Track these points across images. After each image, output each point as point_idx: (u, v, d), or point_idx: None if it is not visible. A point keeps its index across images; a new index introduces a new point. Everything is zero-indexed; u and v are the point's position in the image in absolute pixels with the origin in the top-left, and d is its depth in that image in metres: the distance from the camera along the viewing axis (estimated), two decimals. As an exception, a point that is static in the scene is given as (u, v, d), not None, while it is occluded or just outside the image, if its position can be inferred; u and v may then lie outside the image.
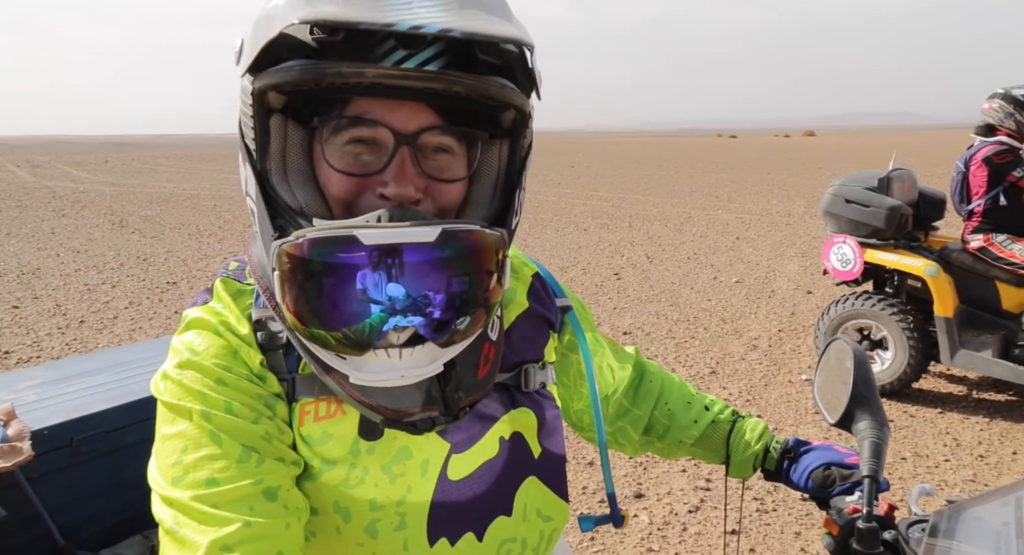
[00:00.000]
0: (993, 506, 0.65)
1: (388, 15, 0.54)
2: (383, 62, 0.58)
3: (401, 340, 0.60)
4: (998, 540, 0.58)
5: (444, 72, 0.59)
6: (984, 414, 3.96)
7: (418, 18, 0.54)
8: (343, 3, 0.55)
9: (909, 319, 3.96)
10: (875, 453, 0.78)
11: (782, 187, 17.58)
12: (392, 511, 0.68)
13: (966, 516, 0.67)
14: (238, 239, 10.28)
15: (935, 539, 0.65)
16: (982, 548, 0.58)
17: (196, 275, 7.80)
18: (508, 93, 0.63)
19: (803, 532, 2.88)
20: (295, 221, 0.62)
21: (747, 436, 0.97)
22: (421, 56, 0.58)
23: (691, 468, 3.37)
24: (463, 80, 0.59)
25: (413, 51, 0.58)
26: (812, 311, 6.04)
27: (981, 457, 3.49)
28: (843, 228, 4.16)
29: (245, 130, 0.65)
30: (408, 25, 0.53)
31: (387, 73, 0.58)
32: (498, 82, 0.63)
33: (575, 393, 0.91)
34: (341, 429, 0.67)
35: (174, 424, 0.63)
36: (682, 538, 2.88)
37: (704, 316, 6.02)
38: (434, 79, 0.59)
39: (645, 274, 7.72)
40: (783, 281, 7.25)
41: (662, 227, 11.15)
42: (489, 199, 0.70)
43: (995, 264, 3.89)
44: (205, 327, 0.67)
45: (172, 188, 18.87)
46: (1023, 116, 3.87)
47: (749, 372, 4.65)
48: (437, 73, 0.58)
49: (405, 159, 0.63)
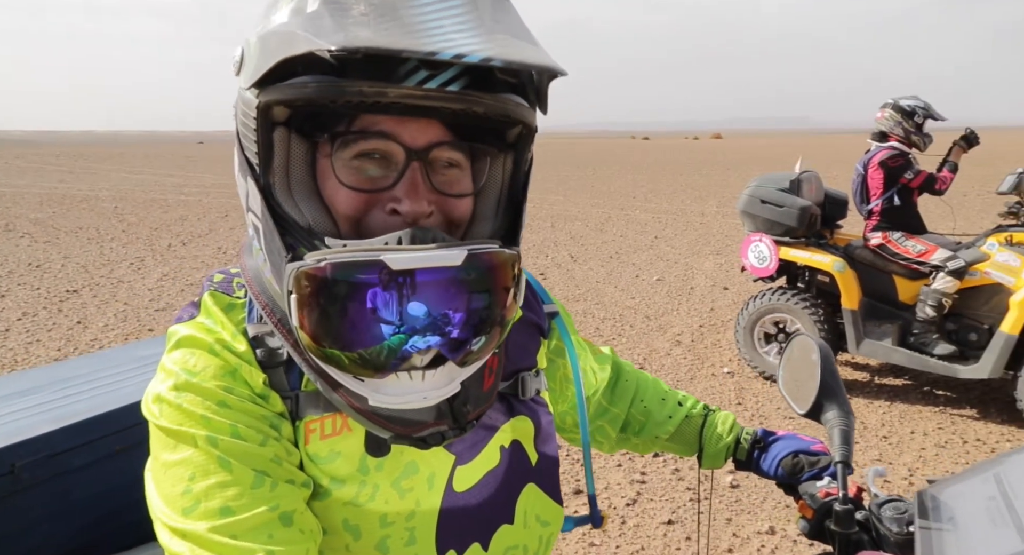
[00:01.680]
0: (973, 484, 0.72)
1: (428, 43, 0.53)
2: (406, 82, 0.57)
3: (424, 362, 0.59)
4: (990, 515, 0.63)
5: (466, 92, 0.58)
6: (886, 398, 4.30)
7: (457, 46, 0.53)
8: (376, 27, 0.54)
9: (820, 312, 4.25)
10: (845, 440, 0.84)
11: (694, 188, 18.35)
12: (402, 526, 0.67)
13: (948, 495, 0.73)
14: (144, 243, 9.68)
15: (927, 521, 0.70)
16: (978, 523, 0.64)
17: (100, 282, 7.29)
18: (522, 111, 0.64)
19: (734, 518, 3.02)
20: (306, 240, 0.61)
21: (719, 429, 1.02)
22: (443, 76, 0.57)
23: (626, 462, 3.47)
24: (483, 100, 0.59)
25: (436, 72, 0.57)
26: (729, 306, 6.35)
27: (885, 438, 3.79)
28: (759, 227, 4.40)
29: (246, 143, 0.63)
30: (451, 54, 0.51)
31: (410, 93, 0.57)
32: (514, 101, 0.63)
33: (559, 396, 0.92)
34: (348, 446, 0.65)
35: (176, 451, 0.60)
36: (622, 531, 2.96)
37: (629, 314, 6.20)
38: (455, 99, 0.58)
39: (570, 274, 7.87)
40: (701, 278, 7.58)
41: (583, 227, 11.39)
42: (494, 213, 0.70)
43: (892, 260, 4.23)
44: (199, 345, 0.64)
45: (65, 189, 17.52)
46: (909, 124, 4.24)
47: (675, 367, 4.84)
48: (459, 93, 0.58)
49: (416, 175, 0.62)
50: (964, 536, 0.64)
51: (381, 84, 0.56)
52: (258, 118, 0.60)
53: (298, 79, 0.57)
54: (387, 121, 0.61)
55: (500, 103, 0.61)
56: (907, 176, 4.17)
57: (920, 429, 3.88)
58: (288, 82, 0.58)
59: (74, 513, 0.99)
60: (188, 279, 7.52)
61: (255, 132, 0.61)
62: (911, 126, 4.24)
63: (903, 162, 4.18)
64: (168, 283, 7.34)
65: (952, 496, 0.73)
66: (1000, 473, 0.70)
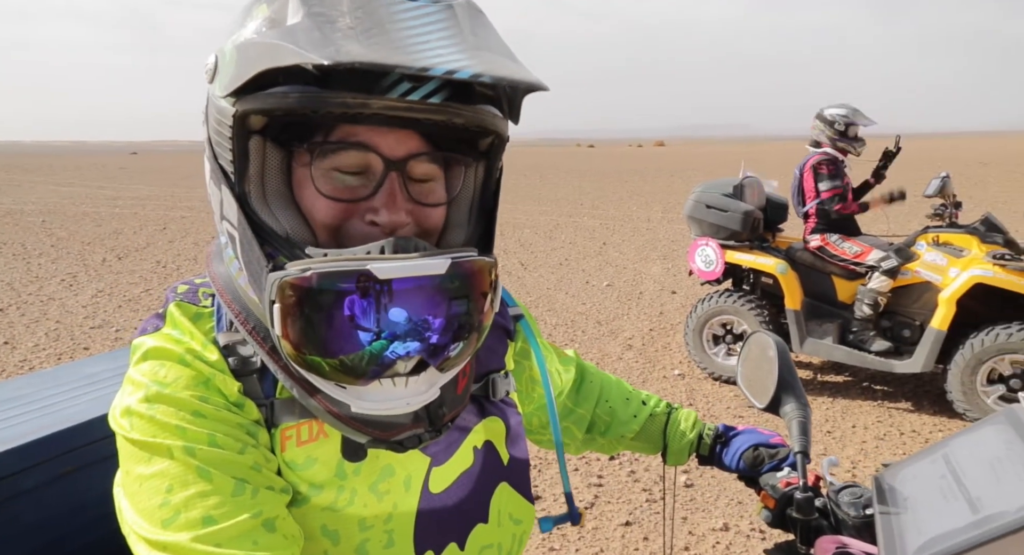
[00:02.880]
0: (923, 465, 0.76)
1: (418, 59, 0.53)
2: (389, 94, 0.57)
3: (408, 368, 0.60)
4: (943, 491, 0.68)
5: (446, 104, 0.59)
6: (828, 394, 4.47)
7: (448, 62, 0.54)
8: (366, 42, 0.54)
9: (765, 313, 4.40)
10: (803, 431, 0.88)
11: (640, 194, 18.73)
12: (380, 529, 0.67)
13: (903, 477, 0.78)
14: (76, 258, 9.25)
15: (884, 504, 0.74)
16: (933, 499, 0.68)
17: (27, 300, 6.92)
18: (498, 122, 0.66)
19: (689, 516, 3.09)
20: (287, 250, 0.61)
21: (682, 426, 1.05)
22: (425, 89, 0.58)
23: (583, 466, 3.51)
24: (463, 112, 0.61)
25: (418, 84, 0.58)
26: (678, 310, 6.50)
27: (829, 432, 3.94)
28: (705, 231, 4.54)
29: (220, 150, 0.62)
30: (443, 69, 0.52)
31: (393, 105, 0.58)
32: (491, 112, 0.65)
33: (526, 397, 0.94)
34: (325, 452, 0.65)
35: (151, 463, 0.59)
36: (580, 534, 2.98)
37: (581, 319, 6.27)
38: (437, 111, 0.59)
39: (521, 281, 7.91)
40: (649, 283, 7.74)
41: (532, 234, 11.48)
42: (466, 221, 0.72)
43: (831, 261, 4.42)
44: (168, 357, 0.63)
45: (-13, 202, 16.60)
46: (831, 132, 4.48)
47: (627, 370, 4.92)
48: (440, 105, 0.59)
49: (394, 185, 0.63)
50: (920, 513, 0.69)
51: (364, 96, 0.57)
52: (234, 127, 0.59)
53: (278, 89, 0.57)
54: (366, 132, 0.62)
55: (478, 115, 0.63)
56: (820, 185, 4.38)
57: (860, 423, 4.05)
58: (268, 92, 0.57)
59: (25, 537, 0.94)
60: (126, 294, 7.22)
61: (230, 140, 0.60)
62: (833, 134, 4.48)
63: (834, 169, 4.39)
64: (104, 299, 7.03)
65: (906, 478, 0.77)
66: (947, 453, 0.75)
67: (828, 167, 4.40)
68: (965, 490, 0.65)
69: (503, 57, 0.59)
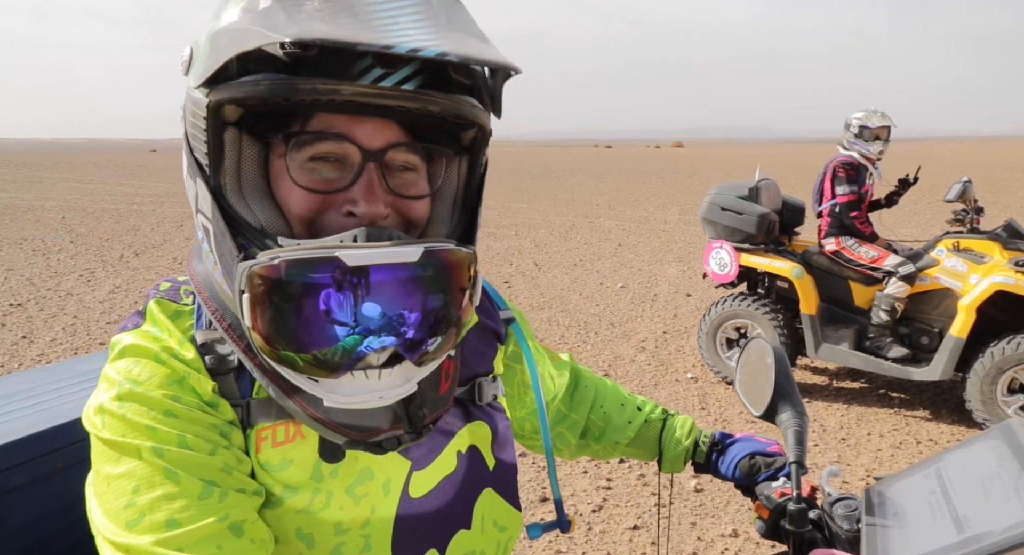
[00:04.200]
0: (916, 480, 0.74)
1: (384, 37, 0.52)
2: (360, 80, 0.56)
3: (381, 361, 0.59)
4: (931, 508, 0.65)
5: (421, 91, 0.58)
6: (843, 401, 4.40)
7: (413, 40, 0.52)
8: (331, 22, 0.53)
9: (779, 317, 4.34)
10: (798, 440, 0.85)
11: (657, 195, 18.63)
12: (357, 533, 0.65)
13: (894, 491, 0.75)
14: (94, 254, 9.38)
15: (873, 517, 0.72)
16: (920, 516, 0.66)
17: (46, 295, 7.03)
18: (477, 113, 0.64)
19: (698, 522, 3.05)
20: (260, 241, 0.59)
21: (677, 433, 1.02)
22: (399, 75, 0.57)
23: (592, 469, 3.48)
24: (438, 100, 0.59)
25: (390, 70, 0.57)
26: (692, 313, 6.44)
27: (843, 439, 3.87)
28: (720, 234, 4.48)
29: (195, 144, 0.61)
30: (407, 48, 0.51)
31: (364, 91, 0.56)
32: (469, 102, 0.63)
33: (518, 402, 0.92)
34: (301, 453, 0.64)
35: (119, 463, 0.58)
36: (588, 537, 2.96)
37: (594, 321, 6.24)
38: (411, 98, 0.58)
39: (535, 281, 7.89)
40: (664, 285, 7.68)
41: (547, 235, 11.45)
42: (449, 215, 0.70)
43: (847, 265, 4.35)
44: (143, 354, 0.62)
45: (8, 199, 16.88)
46: (848, 135, 4.43)
47: (639, 373, 4.88)
48: (414, 92, 0.58)
49: (372, 176, 0.62)
50: (906, 530, 0.67)
51: (335, 81, 0.56)
52: (208, 118, 0.58)
53: (250, 77, 0.56)
54: (343, 122, 0.61)
55: (455, 103, 0.61)
56: (837, 188, 4.32)
57: (876, 431, 3.98)
58: (240, 80, 0.56)
59: (15, 536, 0.94)
60: (142, 290, 7.30)
61: (205, 132, 0.59)
62: (850, 136, 4.41)
63: (844, 174, 4.33)
64: (120, 295, 7.12)
65: (897, 492, 0.75)
66: (940, 468, 0.72)
67: (848, 171, 4.33)
68: (953, 508, 0.63)
69: (474, 38, 0.58)
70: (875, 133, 4.39)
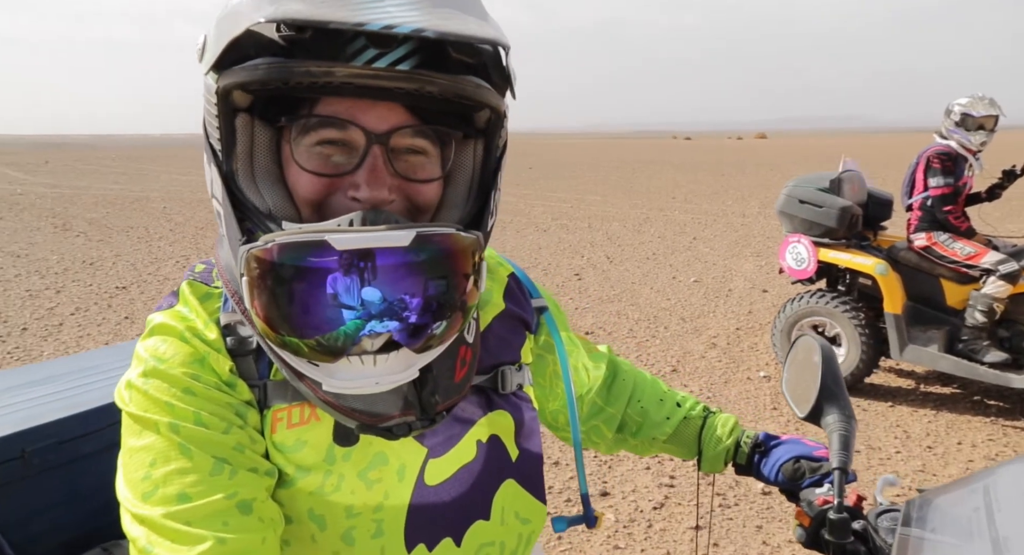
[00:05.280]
0: (962, 494, 0.68)
1: (359, 14, 0.52)
2: (353, 61, 0.56)
3: (375, 346, 0.58)
4: (970, 526, 0.60)
5: (417, 72, 0.57)
6: (931, 407, 4.12)
7: (390, 17, 0.52)
8: (311, 1, 0.53)
9: (861, 316, 4.10)
10: (844, 446, 0.80)
11: (736, 188, 18.00)
12: (368, 518, 0.66)
13: (937, 504, 0.69)
14: (190, 242, 10.00)
15: (908, 529, 0.67)
16: (956, 535, 0.60)
17: (147, 279, 7.55)
18: (483, 93, 0.62)
19: (764, 526, 2.94)
20: (263, 224, 0.60)
21: (718, 432, 0.99)
22: (392, 55, 0.56)
23: (655, 465, 3.42)
24: (436, 80, 0.58)
25: (384, 50, 0.56)
26: (768, 309, 6.20)
27: (929, 448, 3.63)
28: (797, 228, 4.28)
29: (210, 130, 0.63)
30: (380, 25, 0.51)
31: (358, 73, 0.56)
32: (473, 82, 0.61)
33: (550, 393, 0.91)
34: (315, 435, 0.65)
35: (141, 436, 0.61)
36: (647, 535, 2.91)
37: (664, 315, 6.11)
38: (406, 79, 0.57)
39: (605, 274, 7.80)
40: (740, 280, 7.42)
41: (621, 228, 11.28)
42: (464, 200, 0.69)
43: (939, 262, 4.06)
44: (170, 333, 0.65)
45: (119, 190, 18.22)
46: (948, 123, 4.11)
47: (709, 370, 4.74)
48: (409, 73, 0.57)
49: (377, 160, 0.61)
50: (939, 547, 0.61)
51: (328, 64, 0.56)
52: (219, 103, 0.60)
53: (251, 61, 0.57)
54: (348, 106, 0.61)
55: (456, 83, 0.59)
56: (930, 180, 4.02)
57: (968, 440, 3.71)
58: (241, 65, 0.57)
59: (82, 499, 1.02)
60: (231, 277, 7.72)
61: (217, 118, 0.60)
62: (950, 124, 4.09)
63: (949, 166, 4.03)
64: (212, 281, 7.55)
65: (939, 506, 0.69)
66: (989, 483, 0.66)
67: (943, 162, 4.03)
68: (994, 527, 0.57)
69: (461, 13, 0.56)
70: (979, 122, 4.05)
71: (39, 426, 0.98)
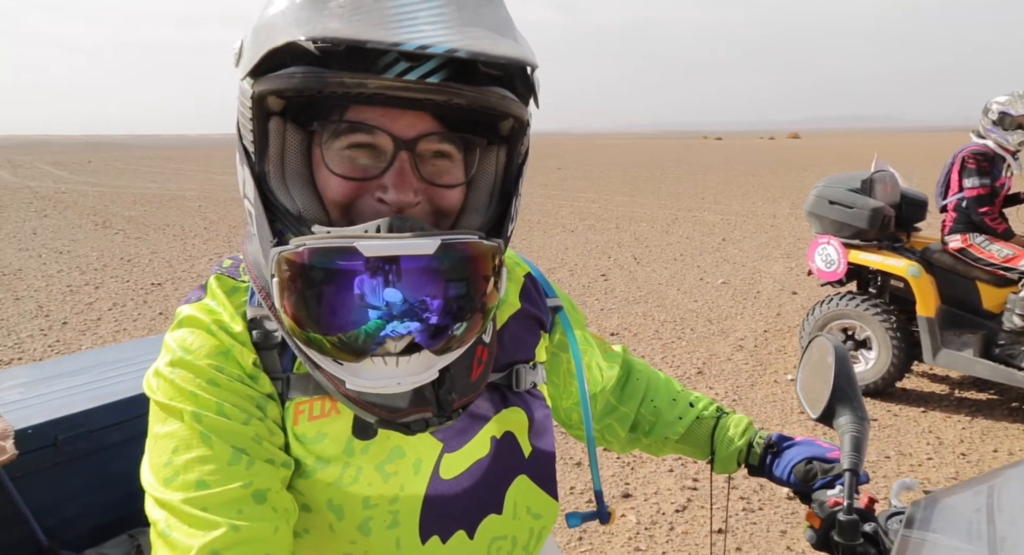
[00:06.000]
0: (967, 495, 0.67)
1: (395, 34, 0.54)
2: (386, 73, 0.58)
3: (398, 348, 0.60)
4: (971, 527, 0.59)
5: (446, 84, 0.59)
6: (966, 413, 4.02)
7: (424, 36, 0.54)
8: (348, 19, 0.56)
9: (892, 319, 4.01)
10: (855, 447, 0.79)
11: (767, 189, 17.73)
12: (385, 509, 0.68)
13: (941, 506, 0.69)
14: (224, 240, 10.21)
15: (911, 530, 0.66)
16: (956, 536, 0.60)
17: (181, 276, 7.74)
18: (508, 104, 0.64)
19: (789, 531, 2.90)
20: (294, 226, 0.63)
21: (731, 432, 0.98)
22: (423, 68, 0.58)
23: (678, 467, 3.39)
24: (464, 92, 0.60)
25: (415, 63, 0.58)
26: (797, 311, 6.10)
27: (963, 455, 3.54)
28: (827, 229, 4.20)
29: (244, 132, 0.65)
30: (415, 45, 0.53)
31: (389, 84, 0.58)
32: (498, 93, 0.63)
33: (564, 391, 0.92)
34: (335, 428, 0.67)
35: (166, 424, 0.64)
36: (669, 537, 2.89)
37: (691, 317, 6.05)
38: (436, 91, 0.59)
39: (632, 275, 7.76)
40: (768, 282, 7.31)
41: (649, 228, 11.21)
42: (486, 205, 0.71)
43: (975, 265, 3.95)
44: (198, 325, 0.67)
45: (156, 189, 18.70)
46: (986, 122, 4.00)
47: (735, 372, 4.69)
48: (439, 85, 0.59)
49: (404, 164, 0.64)
50: (936, 549, 0.60)
51: (362, 75, 0.58)
52: (253, 107, 0.62)
53: (286, 70, 0.59)
54: (377, 113, 0.63)
55: (483, 95, 0.61)
56: (965, 181, 3.91)
57: (1005, 448, 3.60)
58: (277, 73, 0.60)
59: (111, 486, 1.06)
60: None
61: (251, 121, 0.63)
62: (988, 123, 3.98)
63: (985, 166, 3.92)
64: (243, 278, 7.70)
65: (942, 508, 0.68)
66: (994, 485, 0.65)
67: (979, 162, 3.92)
68: (993, 529, 0.56)
69: (492, 33, 0.58)
70: (1017, 121, 3.94)
71: (70, 415, 1.02)
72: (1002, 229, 3.93)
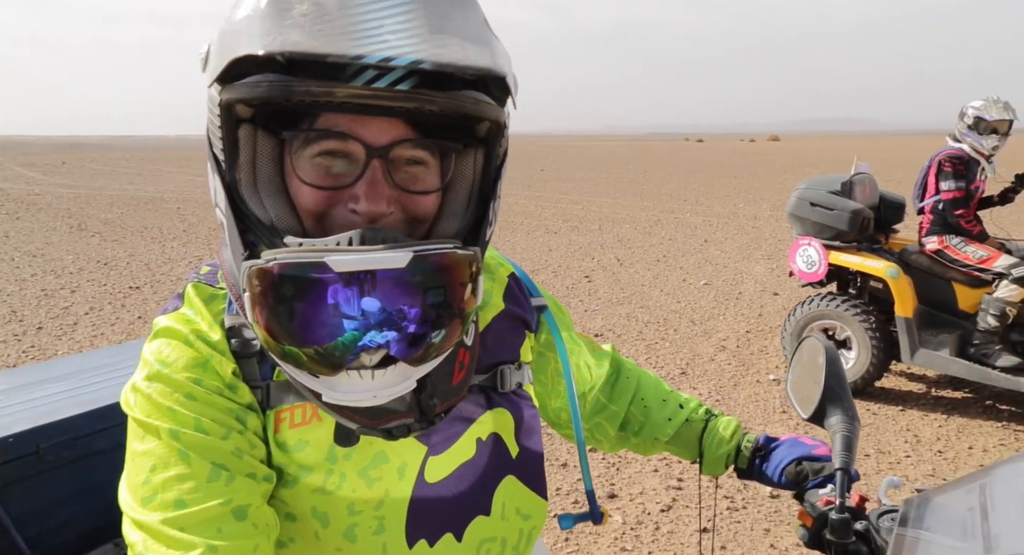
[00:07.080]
0: (959, 493, 0.68)
1: (357, 46, 0.53)
2: (354, 81, 0.56)
3: (373, 361, 0.59)
4: (964, 525, 0.60)
5: (417, 91, 0.58)
6: (942, 411, 4.09)
7: (388, 47, 0.53)
8: (310, 29, 0.54)
9: (871, 319, 4.08)
10: (846, 446, 0.80)
11: (748, 190, 17.91)
12: (370, 515, 0.67)
13: (934, 504, 0.70)
14: (203, 243, 10.08)
15: (905, 528, 0.67)
16: (950, 534, 0.61)
17: (160, 279, 7.63)
18: (483, 108, 0.62)
19: (772, 529, 2.93)
20: (266, 237, 0.61)
21: (720, 435, 0.99)
22: (392, 76, 0.57)
23: (663, 468, 3.41)
24: (436, 98, 0.58)
25: (384, 71, 0.57)
26: (779, 312, 6.17)
27: (940, 452, 3.61)
28: (808, 231, 4.26)
29: (213, 139, 0.63)
30: (378, 57, 0.52)
31: (358, 92, 0.56)
32: (472, 97, 0.62)
33: (553, 391, 0.92)
34: (317, 435, 0.66)
35: (144, 441, 0.62)
36: (655, 537, 2.91)
37: (674, 318, 6.10)
38: (406, 98, 0.57)
39: (615, 276, 7.79)
40: (750, 283, 7.39)
41: (631, 230, 11.27)
42: (463, 209, 0.69)
43: (951, 266, 4.03)
44: (175, 336, 0.66)
45: (134, 191, 18.40)
46: (961, 126, 4.08)
47: (718, 372, 4.73)
48: (409, 93, 0.57)
49: (376, 173, 0.62)
50: (931, 547, 0.61)
51: (329, 84, 0.56)
52: (222, 115, 0.60)
53: (252, 78, 0.58)
54: (347, 120, 0.62)
55: (456, 101, 0.60)
56: (942, 183, 3.99)
57: (979, 445, 3.68)
58: (244, 81, 0.58)
59: (94, 495, 1.04)
60: (242, 277, 7.79)
61: (220, 129, 0.61)
62: (964, 127, 4.06)
63: (961, 169, 4.00)
64: (224, 281, 7.61)
65: (935, 506, 0.69)
66: (986, 482, 0.66)
67: (955, 166, 4.00)
68: (987, 526, 0.57)
69: (461, 40, 0.57)
70: (992, 126, 4.01)
71: (53, 423, 1.00)
72: (977, 231, 4.01)
